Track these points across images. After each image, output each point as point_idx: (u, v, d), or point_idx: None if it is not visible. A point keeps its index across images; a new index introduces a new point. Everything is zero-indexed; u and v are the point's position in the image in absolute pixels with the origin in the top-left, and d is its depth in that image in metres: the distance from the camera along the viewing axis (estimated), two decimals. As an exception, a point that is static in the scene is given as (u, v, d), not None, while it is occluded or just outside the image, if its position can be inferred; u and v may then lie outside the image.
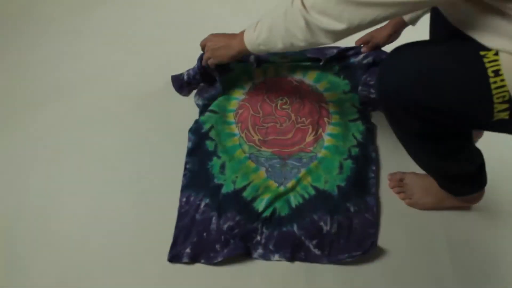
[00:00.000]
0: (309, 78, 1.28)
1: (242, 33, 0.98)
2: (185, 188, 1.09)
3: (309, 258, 0.98)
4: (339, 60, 1.28)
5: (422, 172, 1.01)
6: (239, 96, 1.25)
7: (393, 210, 1.06)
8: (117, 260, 1.00)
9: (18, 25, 1.45)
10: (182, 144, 1.16)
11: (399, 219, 1.05)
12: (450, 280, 0.96)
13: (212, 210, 1.04)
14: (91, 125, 1.22)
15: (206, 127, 1.17)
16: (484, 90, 0.67)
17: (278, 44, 0.88)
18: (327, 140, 1.16)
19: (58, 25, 1.44)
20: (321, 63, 1.26)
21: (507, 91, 0.66)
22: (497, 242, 1.02)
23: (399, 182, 1.07)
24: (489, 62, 0.67)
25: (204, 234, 1.01)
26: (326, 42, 0.81)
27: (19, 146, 1.18)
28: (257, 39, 0.92)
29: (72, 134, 1.20)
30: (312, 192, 1.07)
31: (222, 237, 1.01)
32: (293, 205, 1.05)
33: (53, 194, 1.09)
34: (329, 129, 1.18)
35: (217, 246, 1.00)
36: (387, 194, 1.08)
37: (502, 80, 0.66)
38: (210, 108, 1.21)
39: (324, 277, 0.96)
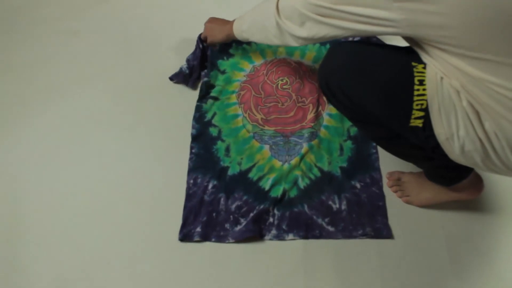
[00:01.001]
0: (307, 59, 1.30)
1: (234, 20, 1.14)
2: (191, 170, 1.12)
3: (323, 235, 1.01)
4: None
5: (418, 170, 1.05)
6: (240, 78, 1.27)
7: (392, 208, 1.07)
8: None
9: (16, 26, 1.45)
10: (185, 132, 1.18)
11: (397, 217, 1.06)
12: (448, 276, 0.98)
13: (220, 191, 1.08)
14: (94, 120, 1.23)
15: (209, 115, 1.20)
16: (408, 95, 0.74)
17: (256, 35, 1.04)
18: (326, 119, 1.19)
19: (56, 26, 1.44)
20: None
21: (426, 100, 0.73)
22: (494, 239, 1.03)
23: (397, 181, 1.09)
24: (417, 72, 0.74)
25: (214, 214, 1.05)
26: (293, 44, 0.93)
27: (21, 146, 1.19)
28: (241, 26, 1.08)
29: (77, 128, 1.22)
30: (318, 174, 1.10)
31: (231, 216, 1.05)
32: (302, 187, 1.08)
33: (58, 187, 1.12)
34: (329, 108, 1.21)
35: (227, 225, 1.04)
36: (385, 192, 1.09)
37: (424, 90, 0.73)
38: (212, 94, 1.23)
39: (323, 272, 0.98)
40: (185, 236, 1.02)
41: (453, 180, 0.97)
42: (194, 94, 1.25)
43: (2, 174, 1.15)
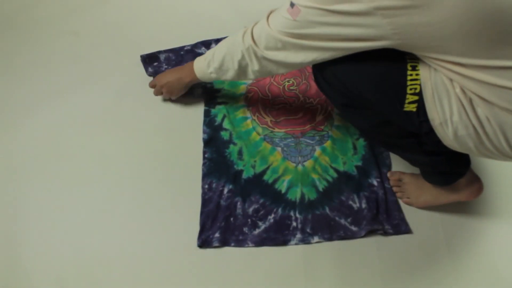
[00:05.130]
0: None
1: (191, 63, 1.09)
2: (206, 175, 1.11)
3: (348, 235, 1.03)
4: None
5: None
6: (246, 81, 1.26)
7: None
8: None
9: (16, 26, 1.41)
10: (196, 137, 1.16)
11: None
12: (448, 276, 1.00)
13: (236, 195, 1.07)
14: (97, 122, 1.20)
15: (219, 119, 1.19)
16: (401, 80, 0.76)
17: (230, 72, 0.97)
18: (336, 119, 1.20)
19: (56, 26, 1.41)
20: None
21: (419, 84, 0.75)
22: (494, 239, 1.05)
23: (398, 182, 1.10)
24: (410, 59, 0.76)
25: (231, 219, 1.05)
26: (278, 73, 0.92)
27: (21, 146, 1.16)
28: (208, 67, 1.02)
29: (79, 130, 1.19)
30: (335, 175, 1.11)
31: (249, 220, 1.04)
32: (320, 189, 1.09)
33: (60, 193, 1.09)
34: (339, 108, 1.22)
35: (245, 229, 1.03)
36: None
37: (417, 75, 0.75)
38: (219, 100, 1.23)
39: (323, 273, 0.99)
40: (204, 242, 1.01)
41: (450, 178, 0.98)
42: (200, 97, 1.24)
43: (3, 174, 1.12)
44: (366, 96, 0.82)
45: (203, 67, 1.03)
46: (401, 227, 1.03)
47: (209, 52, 1.02)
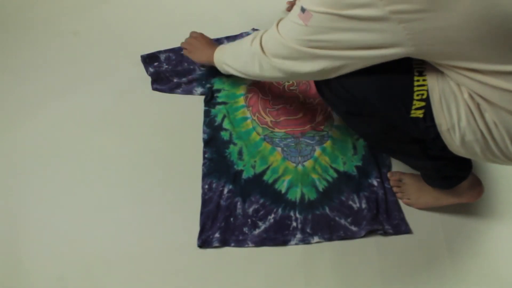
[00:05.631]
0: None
1: (217, 46, 1.13)
2: (206, 175, 1.11)
3: (348, 235, 1.03)
4: None
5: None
6: (246, 81, 1.26)
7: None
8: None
9: (16, 26, 1.41)
10: (196, 137, 1.16)
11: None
12: (448, 276, 1.00)
13: (236, 195, 1.08)
14: (96, 125, 1.20)
15: (219, 119, 1.19)
16: (408, 86, 0.75)
17: (238, 70, 0.99)
18: (336, 119, 1.20)
19: (56, 26, 1.41)
20: None
21: (426, 90, 0.74)
22: (494, 239, 1.05)
23: (398, 182, 1.10)
24: (416, 64, 0.75)
25: (231, 219, 1.05)
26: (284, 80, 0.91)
27: (20, 146, 1.16)
28: (222, 58, 1.07)
29: (79, 130, 1.19)
30: (335, 175, 1.11)
31: (249, 220, 1.04)
32: (320, 189, 1.09)
33: (61, 192, 1.10)
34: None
35: (245, 229, 1.04)
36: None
37: (424, 80, 0.74)
38: (219, 100, 1.22)
39: (323, 273, 1.00)
40: (204, 242, 1.02)
41: (452, 182, 0.98)
42: (200, 97, 1.24)
43: (3, 174, 1.12)
44: (371, 103, 0.81)
45: (220, 55, 1.08)
46: (401, 227, 1.03)
47: (230, 45, 1.08)
